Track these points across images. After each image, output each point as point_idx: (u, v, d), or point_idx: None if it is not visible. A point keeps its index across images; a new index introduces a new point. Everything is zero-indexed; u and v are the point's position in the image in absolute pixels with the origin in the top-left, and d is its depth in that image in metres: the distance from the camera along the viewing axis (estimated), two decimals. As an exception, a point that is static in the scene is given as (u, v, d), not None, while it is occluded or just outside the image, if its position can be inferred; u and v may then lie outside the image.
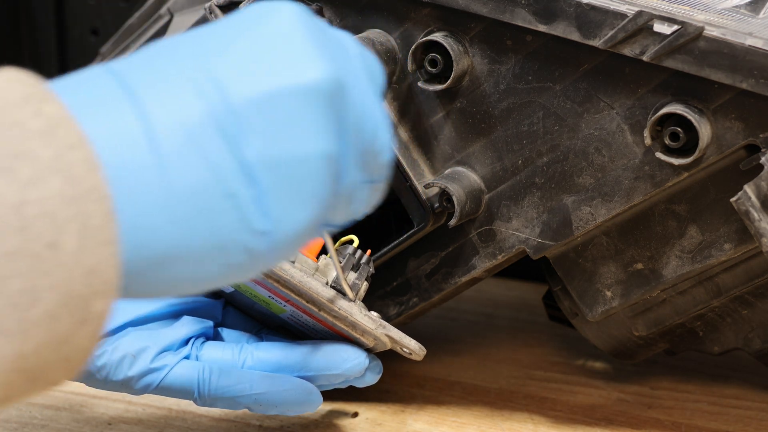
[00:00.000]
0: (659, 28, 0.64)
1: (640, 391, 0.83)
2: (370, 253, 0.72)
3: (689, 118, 0.64)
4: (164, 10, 0.86)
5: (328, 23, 0.52)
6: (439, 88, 0.70)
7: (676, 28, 0.64)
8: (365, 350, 0.70)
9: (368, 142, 0.50)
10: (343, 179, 0.49)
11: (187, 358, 0.69)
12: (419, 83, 0.71)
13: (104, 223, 0.42)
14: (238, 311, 0.74)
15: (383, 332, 0.69)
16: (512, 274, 0.97)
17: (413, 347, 0.70)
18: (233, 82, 0.46)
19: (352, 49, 0.51)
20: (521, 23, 0.68)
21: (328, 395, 0.74)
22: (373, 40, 0.71)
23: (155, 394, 0.68)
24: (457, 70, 0.70)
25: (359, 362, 0.70)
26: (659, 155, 0.66)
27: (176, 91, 0.45)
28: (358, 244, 0.71)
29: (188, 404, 0.79)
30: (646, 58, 0.65)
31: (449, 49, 0.69)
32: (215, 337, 0.72)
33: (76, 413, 0.78)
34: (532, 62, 0.69)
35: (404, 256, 0.76)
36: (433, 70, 0.70)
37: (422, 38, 0.70)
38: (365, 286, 0.70)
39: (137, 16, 0.91)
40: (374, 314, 0.70)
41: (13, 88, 0.42)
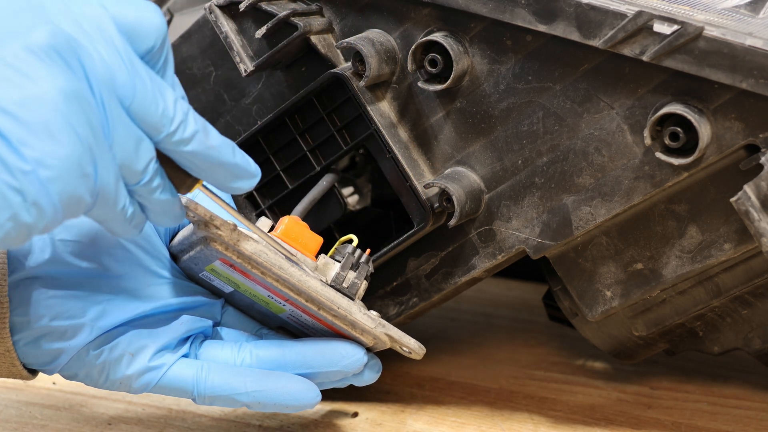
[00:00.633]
0: (659, 28, 0.64)
1: (640, 391, 0.83)
2: (369, 252, 0.72)
3: (689, 118, 0.64)
4: (164, 10, 0.86)
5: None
6: (439, 88, 0.70)
7: (675, 28, 0.64)
8: (365, 349, 0.70)
9: (123, 87, 0.56)
10: (96, 119, 0.55)
11: (185, 356, 0.69)
12: (419, 83, 0.71)
13: None
14: (237, 311, 0.74)
15: (382, 331, 0.69)
16: (512, 274, 0.98)
17: (413, 346, 0.70)
18: None
19: (86, 13, 0.56)
20: (521, 23, 0.68)
21: (328, 395, 0.74)
22: (373, 40, 0.71)
23: (154, 392, 0.68)
24: (457, 70, 0.70)
25: (358, 359, 0.70)
26: (659, 155, 0.66)
27: None
28: (357, 243, 0.71)
29: (188, 404, 0.79)
30: (646, 58, 0.65)
31: (449, 49, 0.69)
32: (214, 336, 0.72)
33: (76, 413, 0.78)
34: (532, 62, 0.69)
35: (404, 256, 0.76)
36: (433, 70, 0.70)
37: (422, 38, 0.70)
38: (364, 285, 0.70)
39: (137, 16, 0.91)
40: (373, 313, 0.70)
41: None
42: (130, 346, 0.67)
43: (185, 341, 0.70)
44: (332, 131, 0.74)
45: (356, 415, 0.79)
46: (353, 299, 0.69)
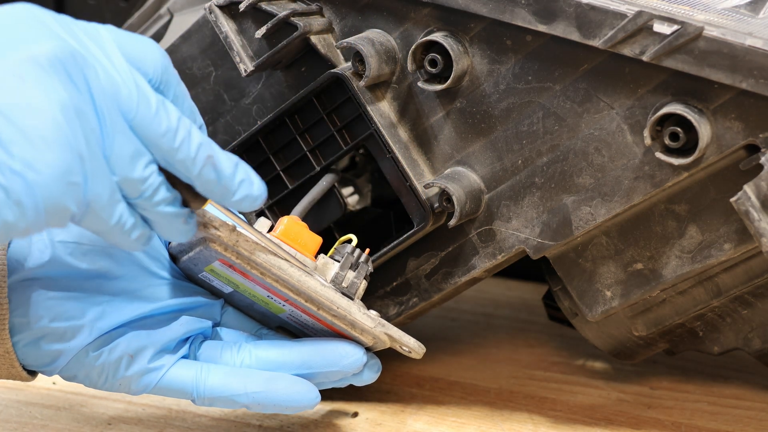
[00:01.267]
0: (659, 28, 0.64)
1: (640, 391, 0.83)
2: (368, 252, 0.72)
3: (689, 118, 0.64)
4: (164, 10, 0.86)
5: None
6: (439, 88, 0.70)
7: (675, 28, 0.64)
8: (364, 349, 0.70)
9: (126, 98, 0.57)
10: (93, 132, 0.56)
11: (185, 357, 0.69)
12: (419, 83, 0.71)
13: None
14: (236, 311, 0.74)
15: (382, 330, 0.69)
16: (512, 274, 0.97)
17: (412, 345, 0.70)
18: None
19: (88, 28, 0.59)
20: (521, 23, 0.67)
21: (328, 395, 0.74)
22: (373, 40, 0.71)
23: (153, 394, 0.68)
24: (457, 70, 0.70)
25: (357, 359, 0.70)
26: (659, 155, 0.66)
27: None
28: (356, 243, 0.71)
29: (188, 404, 0.79)
30: (646, 58, 0.65)
31: (449, 49, 0.69)
32: (214, 336, 0.72)
33: (76, 413, 0.78)
34: (532, 62, 0.69)
35: (404, 256, 0.76)
36: (433, 70, 0.70)
37: (422, 38, 0.70)
38: (364, 284, 0.70)
39: (137, 16, 0.91)
40: (373, 313, 0.70)
41: None
42: (129, 347, 0.67)
43: (185, 342, 0.70)
44: (332, 131, 0.74)
45: (356, 415, 0.79)
46: (353, 299, 0.69)
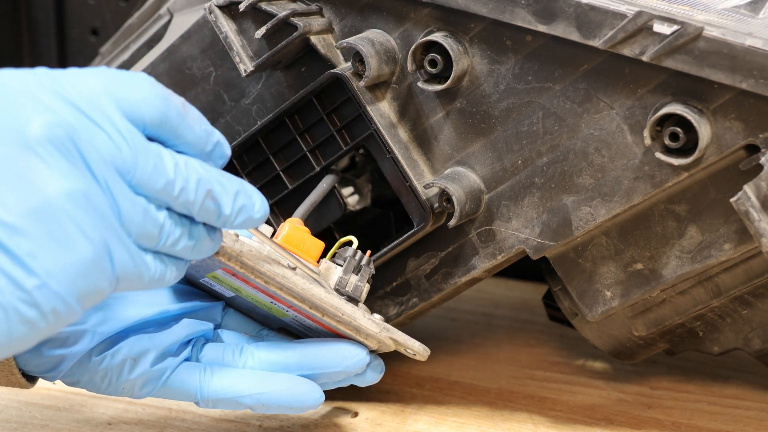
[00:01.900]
0: (659, 28, 0.64)
1: (640, 391, 0.83)
2: (370, 254, 0.71)
3: (689, 118, 0.64)
4: (164, 10, 0.86)
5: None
6: (438, 88, 0.70)
7: (675, 28, 0.64)
8: (367, 349, 0.70)
9: (130, 165, 0.55)
10: (104, 207, 0.53)
11: (187, 360, 0.69)
12: (419, 83, 0.71)
13: None
14: (237, 313, 0.73)
15: (387, 335, 0.69)
16: (512, 274, 0.97)
17: (417, 348, 0.70)
18: None
19: (82, 91, 0.55)
20: (521, 23, 0.68)
21: (328, 395, 0.74)
22: (372, 40, 0.71)
23: (157, 397, 0.68)
24: (456, 70, 0.70)
25: (360, 359, 0.69)
26: (659, 155, 0.66)
27: None
28: (357, 245, 0.71)
29: (188, 404, 0.79)
30: (645, 58, 0.65)
31: (449, 49, 0.69)
32: (215, 339, 0.72)
33: (76, 413, 0.78)
34: (531, 62, 0.69)
35: (404, 256, 0.76)
36: (432, 70, 0.70)
37: (422, 38, 0.70)
38: (367, 287, 0.70)
39: (137, 16, 0.91)
40: (377, 317, 0.69)
41: None
42: (132, 350, 0.67)
43: (187, 345, 0.70)
44: (332, 131, 0.74)
45: (356, 415, 0.79)
46: (357, 303, 0.69)
